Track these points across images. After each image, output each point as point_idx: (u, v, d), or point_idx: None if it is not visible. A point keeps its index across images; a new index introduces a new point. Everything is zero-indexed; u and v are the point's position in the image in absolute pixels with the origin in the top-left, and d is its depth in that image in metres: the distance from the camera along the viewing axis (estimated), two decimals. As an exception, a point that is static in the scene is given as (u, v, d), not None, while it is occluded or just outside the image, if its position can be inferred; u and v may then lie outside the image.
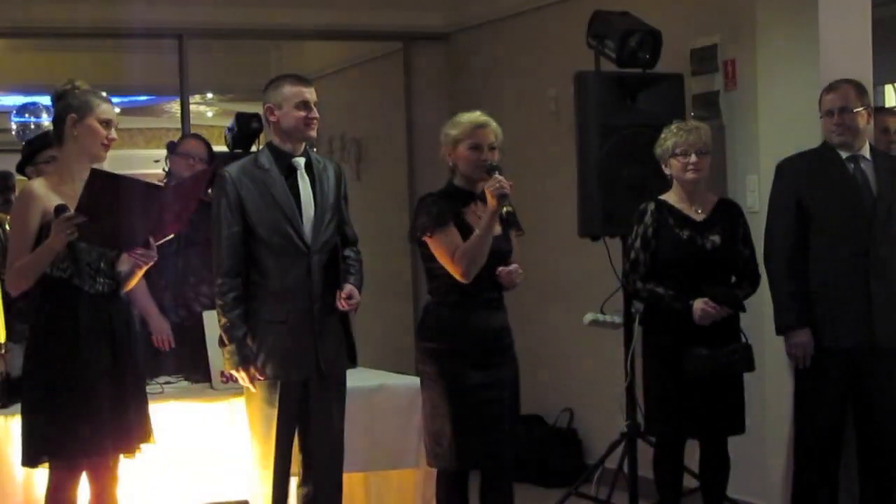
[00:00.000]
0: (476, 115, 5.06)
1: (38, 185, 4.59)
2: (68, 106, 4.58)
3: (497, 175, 4.89)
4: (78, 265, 4.51)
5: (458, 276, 4.92)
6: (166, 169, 6.23)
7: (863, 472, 5.50)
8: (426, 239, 4.99)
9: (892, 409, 5.43)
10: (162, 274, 5.71)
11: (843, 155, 5.43)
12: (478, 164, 4.99)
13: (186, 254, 5.94)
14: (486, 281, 4.96)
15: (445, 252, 4.94)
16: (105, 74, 9.49)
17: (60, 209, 4.42)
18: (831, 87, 5.45)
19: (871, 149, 5.52)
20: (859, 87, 5.44)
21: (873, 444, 5.44)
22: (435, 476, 5.12)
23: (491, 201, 4.87)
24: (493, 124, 5.05)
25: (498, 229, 4.98)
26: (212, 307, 5.44)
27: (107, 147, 4.60)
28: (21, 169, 5.79)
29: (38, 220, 4.49)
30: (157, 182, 6.09)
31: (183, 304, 6.01)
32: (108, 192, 4.43)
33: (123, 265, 4.62)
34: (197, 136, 6.56)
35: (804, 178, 5.44)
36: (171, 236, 4.69)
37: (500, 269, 4.97)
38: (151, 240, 4.56)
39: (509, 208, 4.91)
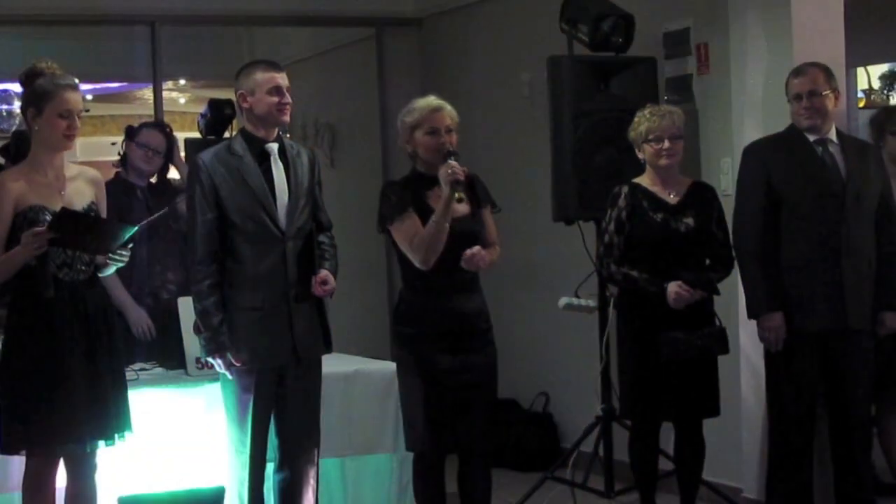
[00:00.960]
0: (430, 100, 5.04)
1: (9, 176, 4.58)
2: (28, 99, 4.56)
3: (451, 161, 4.88)
4: (44, 268, 4.49)
5: (417, 264, 4.90)
6: (121, 153, 6.16)
7: (835, 454, 5.53)
8: (388, 227, 4.99)
9: (863, 391, 5.47)
10: (128, 263, 5.68)
11: (811, 138, 5.44)
12: (437, 148, 4.97)
13: (152, 242, 5.91)
14: (457, 264, 4.93)
15: (404, 240, 4.93)
16: (77, 61, 9.41)
17: (35, 209, 4.42)
18: (799, 71, 5.46)
19: (838, 132, 5.53)
20: (827, 71, 5.45)
21: (845, 425, 5.46)
22: (411, 461, 5.13)
23: (444, 189, 4.86)
24: (448, 107, 5.03)
25: (466, 209, 4.97)
26: (179, 295, 5.44)
27: (70, 137, 4.57)
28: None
29: (10, 210, 4.48)
30: (112, 166, 6.09)
31: (150, 293, 5.99)
32: (75, 229, 4.47)
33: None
34: (158, 127, 6.31)
35: (772, 161, 5.45)
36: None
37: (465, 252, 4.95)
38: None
39: (460, 195, 4.85)
